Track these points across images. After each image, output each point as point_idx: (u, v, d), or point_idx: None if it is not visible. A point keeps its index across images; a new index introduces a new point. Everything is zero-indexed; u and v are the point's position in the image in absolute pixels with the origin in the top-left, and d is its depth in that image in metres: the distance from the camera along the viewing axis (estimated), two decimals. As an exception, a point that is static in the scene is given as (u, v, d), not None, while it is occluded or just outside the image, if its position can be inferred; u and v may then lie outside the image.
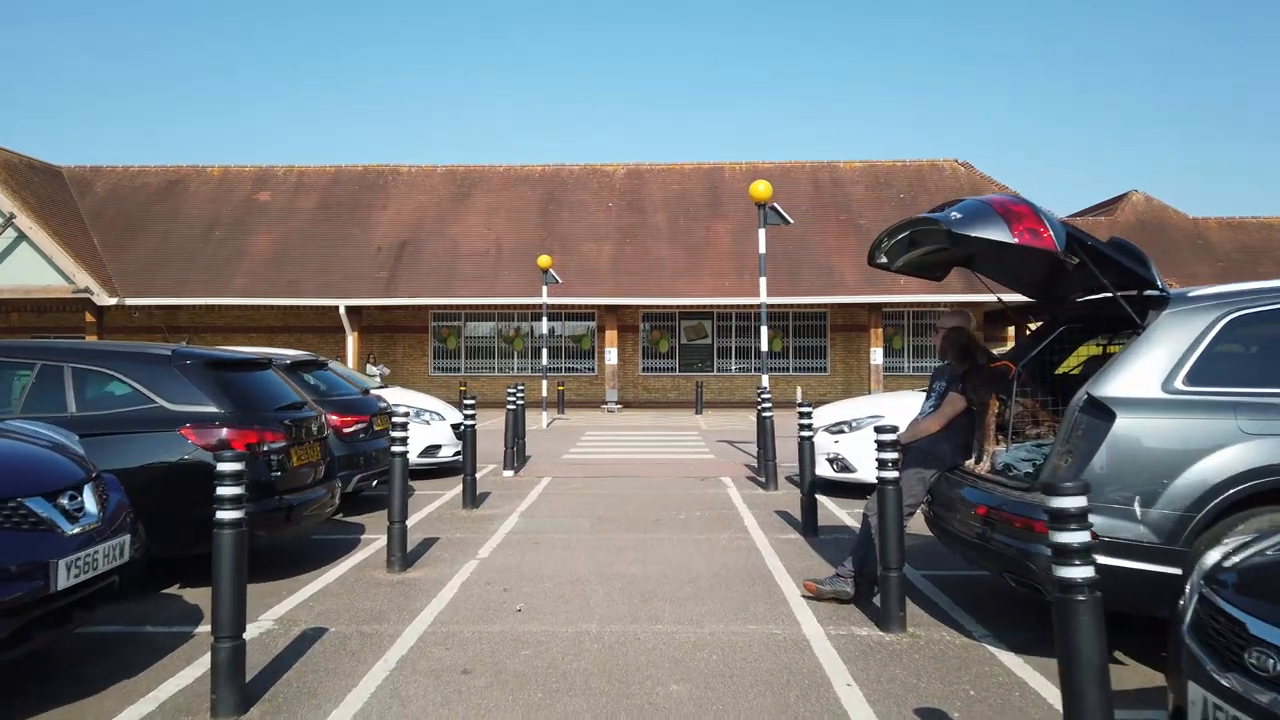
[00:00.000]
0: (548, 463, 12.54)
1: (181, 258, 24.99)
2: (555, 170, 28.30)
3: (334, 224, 26.25)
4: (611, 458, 13.28)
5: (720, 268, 24.84)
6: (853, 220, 26.03)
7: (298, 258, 25.10)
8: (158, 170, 28.33)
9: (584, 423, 20.42)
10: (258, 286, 24.22)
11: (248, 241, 25.60)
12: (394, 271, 24.71)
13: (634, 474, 11.32)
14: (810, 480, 7.68)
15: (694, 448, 14.80)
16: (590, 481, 10.69)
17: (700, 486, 10.28)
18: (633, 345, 27.58)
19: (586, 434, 17.43)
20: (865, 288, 23.98)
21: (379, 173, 28.20)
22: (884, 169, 27.79)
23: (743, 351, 27.62)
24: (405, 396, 11.31)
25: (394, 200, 27.15)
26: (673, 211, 26.70)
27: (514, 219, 26.38)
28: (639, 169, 28.25)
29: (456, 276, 24.61)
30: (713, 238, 25.77)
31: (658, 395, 27.56)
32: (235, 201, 27.09)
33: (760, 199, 11.93)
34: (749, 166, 28.16)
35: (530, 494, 9.69)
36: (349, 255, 25.19)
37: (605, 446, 15.02)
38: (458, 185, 27.75)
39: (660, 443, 15.65)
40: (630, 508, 8.82)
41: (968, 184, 27.12)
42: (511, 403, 11.45)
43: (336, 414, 8.18)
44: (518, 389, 12.54)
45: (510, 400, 11.51)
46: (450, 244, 25.63)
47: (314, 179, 27.93)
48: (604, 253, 25.34)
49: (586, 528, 7.86)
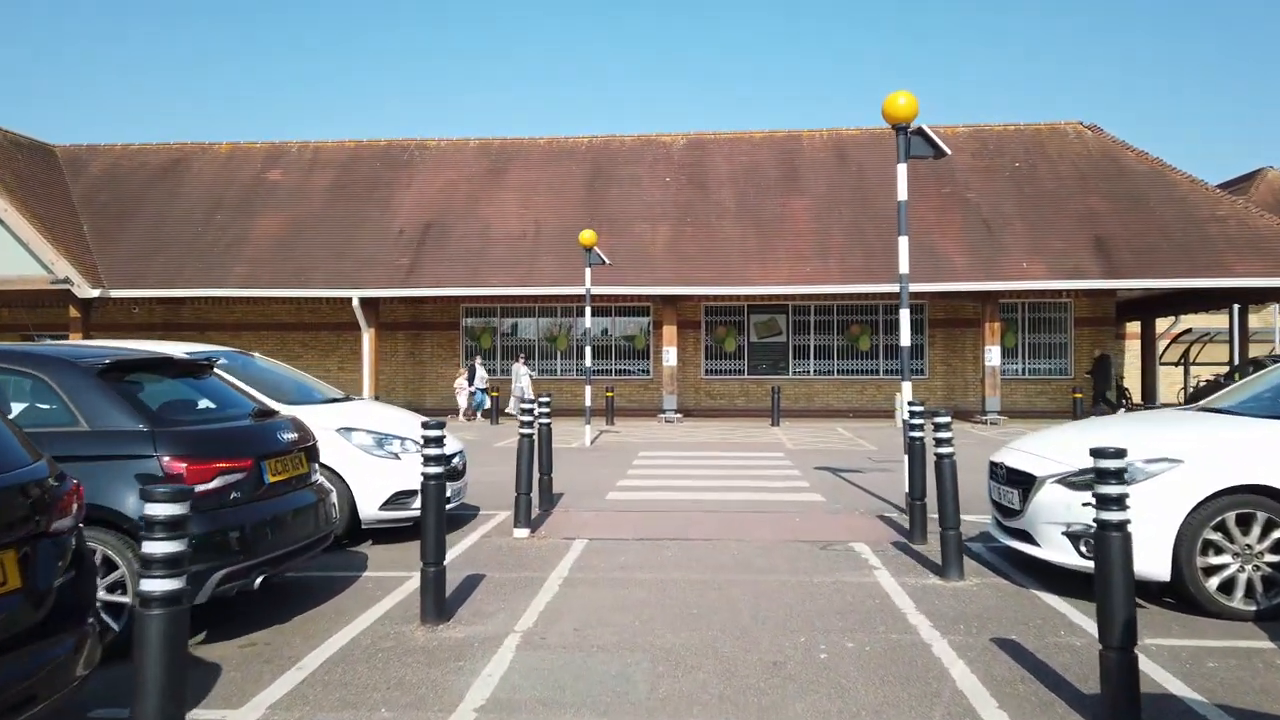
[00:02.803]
0: (584, 509, 8.70)
1: (176, 245, 21.80)
2: (604, 141, 24.52)
3: (350, 204, 22.83)
4: (676, 498, 9.40)
5: (798, 250, 20.79)
6: (958, 194, 21.75)
7: (307, 243, 21.72)
8: (159, 149, 25.28)
9: (637, 437, 16.57)
10: (260, 276, 20.89)
11: (252, 225, 22.32)
12: (416, 258, 21.18)
13: (713, 534, 7.43)
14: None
15: (786, 478, 10.84)
16: (647, 551, 6.82)
17: (826, 565, 6.35)
18: (694, 343, 23.67)
19: (640, 455, 13.58)
20: (978, 273, 19.72)
21: (403, 147, 24.73)
22: (993, 134, 23.41)
23: (823, 350, 23.51)
24: (370, 414, 7.58)
25: (419, 177, 23.65)
26: (740, 186, 22.72)
27: (556, 197, 22.67)
28: (701, 139, 24.32)
29: (487, 263, 20.98)
30: (788, 216, 21.73)
31: (724, 402, 23.60)
32: (242, 181, 23.86)
33: (900, 118, 7.94)
34: (830, 134, 24.03)
35: (547, 583, 5.85)
36: (366, 240, 21.74)
37: (666, 476, 11.14)
38: (492, 160, 24.14)
39: (738, 469, 11.72)
40: (719, 625, 4.93)
41: (1097, 150, 22.61)
42: (527, 424, 7.60)
43: (182, 457, 4.46)
44: (539, 402, 8.74)
45: (526, 418, 7.65)
46: (481, 226, 22.02)
47: (331, 155, 24.58)
48: (660, 235, 21.47)
49: (642, 689, 4.00)
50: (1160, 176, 21.53)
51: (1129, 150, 22.41)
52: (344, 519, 6.76)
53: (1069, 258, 19.71)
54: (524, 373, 21.59)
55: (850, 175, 22.70)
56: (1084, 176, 21.75)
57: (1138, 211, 20.61)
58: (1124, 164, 22.02)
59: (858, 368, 23.36)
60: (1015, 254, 20.03)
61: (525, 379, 21.46)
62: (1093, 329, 23.19)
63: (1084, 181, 21.60)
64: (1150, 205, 20.73)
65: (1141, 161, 22.04)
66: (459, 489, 7.62)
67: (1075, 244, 19.99)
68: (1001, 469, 5.94)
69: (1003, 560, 6.38)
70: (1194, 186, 21.18)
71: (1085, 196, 21.15)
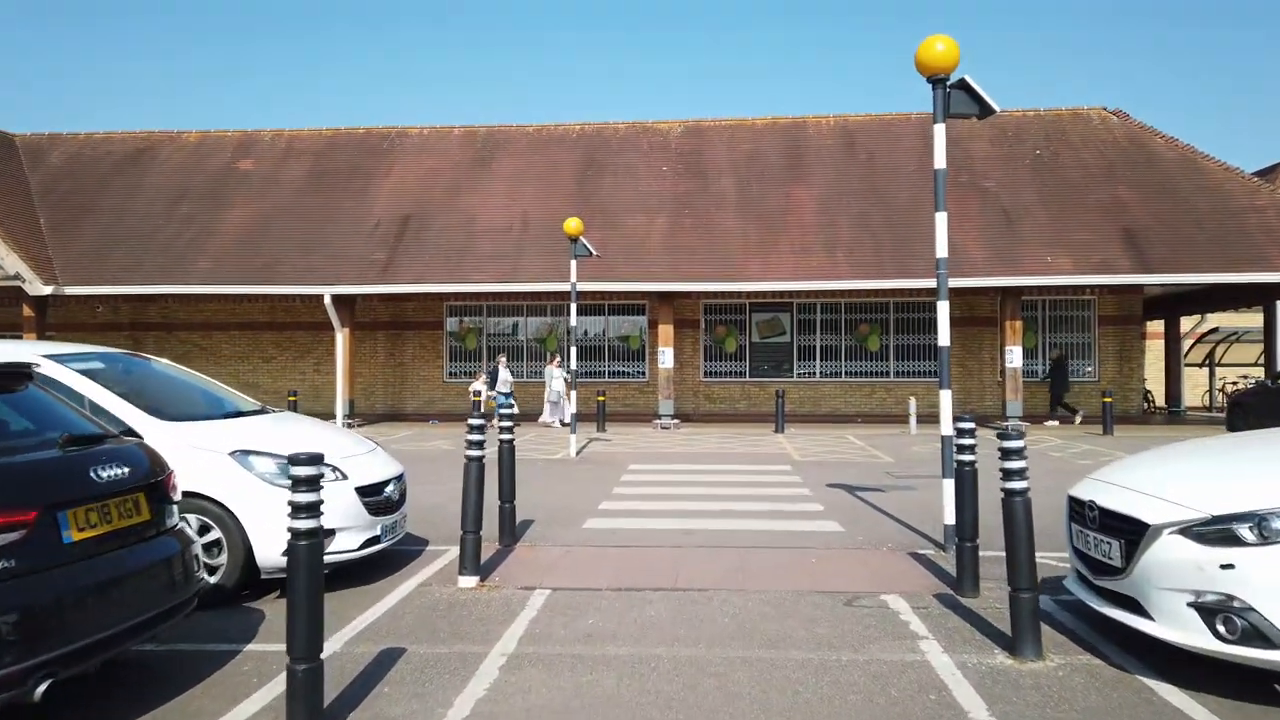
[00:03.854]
0: (554, 543, 7.23)
1: (136, 238, 20.33)
2: (596, 129, 23.04)
3: (325, 195, 21.36)
4: (666, 526, 7.93)
5: (803, 244, 19.31)
6: (975, 183, 20.26)
7: (277, 237, 20.26)
8: (125, 137, 23.81)
9: (629, 446, 15.10)
10: (224, 272, 19.42)
11: (218, 218, 20.85)
12: (393, 252, 19.70)
13: (709, 580, 5.96)
14: None
15: (795, 500, 9.37)
16: (624, 607, 5.35)
17: (856, 632, 4.87)
18: (692, 344, 22.20)
19: (630, 469, 12.11)
20: (998, 267, 18.23)
21: (383, 135, 23.26)
22: (1012, 121, 21.91)
23: (830, 351, 22.04)
24: (282, 432, 6.09)
25: (399, 167, 22.18)
26: (741, 176, 21.25)
27: (544, 187, 21.20)
28: (699, 125, 22.84)
29: (470, 258, 19.50)
30: (793, 207, 20.25)
31: (724, 406, 22.13)
32: (211, 171, 22.39)
33: (938, 68, 6.49)
34: (838, 120, 22.55)
35: (485, 664, 4.37)
36: (340, 233, 20.27)
37: (656, 497, 9.67)
38: (478, 148, 22.67)
39: (740, 487, 10.25)
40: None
41: (1124, 137, 21.12)
42: (476, 442, 6.08)
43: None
44: (499, 414, 7.28)
45: (475, 435, 6.11)
46: (464, 218, 20.54)
47: (306, 144, 23.11)
48: (656, 227, 20.00)
49: None
50: (1192, 164, 20.05)
51: (1158, 136, 20.93)
52: (235, 568, 5.31)
53: (1096, 251, 18.22)
54: (558, 374, 19.26)
55: (859, 164, 21.23)
56: (1110, 165, 20.26)
57: (1169, 202, 19.13)
58: (1153, 151, 20.54)
59: (867, 369, 21.89)
60: (1037, 247, 18.54)
61: (559, 381, 19.11)
62: (1117, 328, 21.71)
63: (1110, 170, 20.11)
64: (1183, 195, 19.24)
65: (1171, 148, 20.56)
66: (393, 523, 6.16)
67: (1102, 236, 18.51)
68: (1092, 510, 4.47)
69: (1084, 624, 4.92)
70: (1229, 175, 19.70)
71: (1112, 186, 19.66)
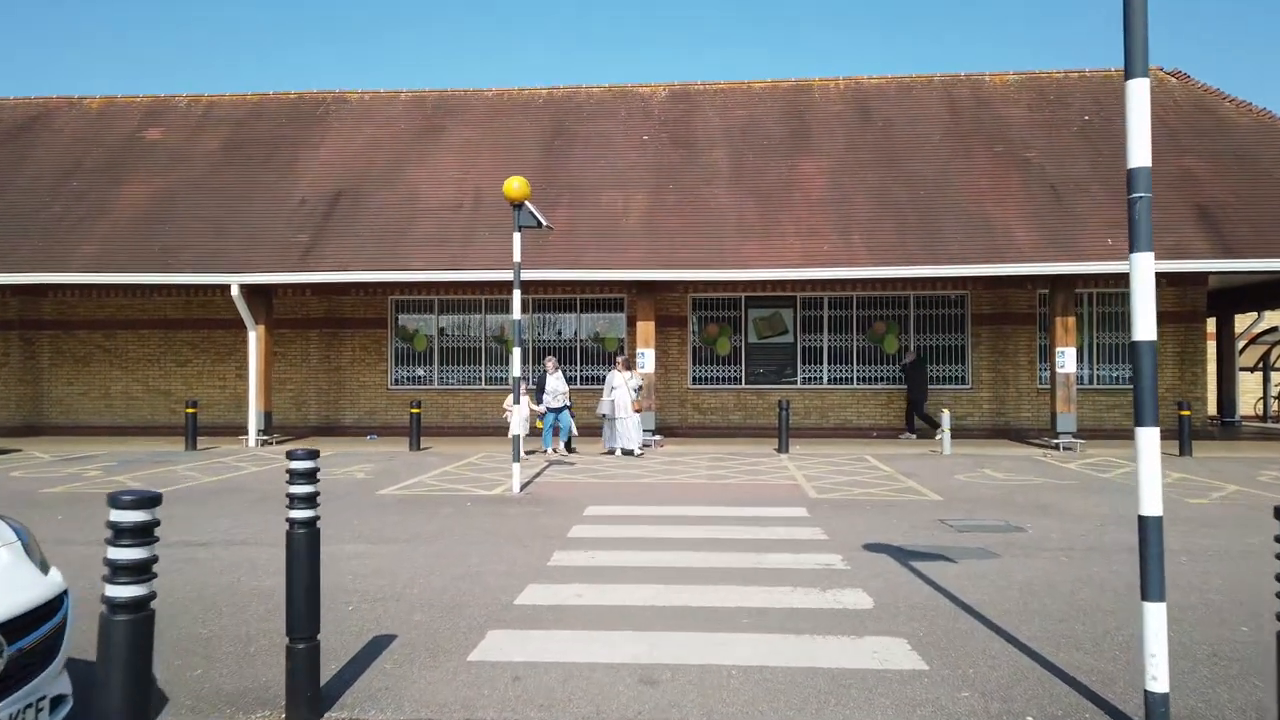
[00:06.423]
0: (396, 710, 3.93)
1: (12, 219, 16.96)
2: (568, 94, 19.76)
3: (242, 169, 18.02)
4: (615, 657, 4.63)
5: (810, 225, 16.08)
6: (1013, 153, 17.08)
7: (181, 217, 16.91)
8: (16, 103, 20.42)
9: (593, 475, 11.80)
10: (112, 258, 16.06)
11: (114, 195, 17.49)
12: (318, 235, 16.38)
13: None
14: None
15: (829, 583, 6.07)
16: None
17: None
18: (678, 345, 18.93)
19: (586, 514, 8.82)
20: (1049, 251, 15.04)
21: (318, 100, 19.92)
22: (1051, 82, 18.73)
23: (839, 353, 18.78)
24: None
25: (333, 136, 18.85)
26: (736, 146, 18.00)
27: (503, 158, 17.89)
28: (687, 90, 19.59)
29: (409, 241, 16.19)
30: (797, 182, 17.02)
31: (715, 418, 18.85)
32: (111, 142, 19.02)
33: None
34: (849, 83, 19.32)
35: None
36: (256, 213, 16.94)
37: (611, 577, 6.37)
38: (427, 115, 19.36)
39: (741, 553, 6.96)
40: None
41: (1187, 101, 17.95)
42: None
43: None
44: (291, 471, 4.45)
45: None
46: (406, 195, 17.24)
47: (226, 110, 19.75)
48: (635, 205, 16.74)
49: None
50: (1271, 131, 16.90)
51: (1226, 100, 17.77)
52: None
53: (1166, 232, 15.01)
54: (620, 383, 14.79)
55: (875, 132, 18.01)
56: (1174, 132, 17.08)
57: (1248, 174, 15.97)
58: (1222, 116, 17.37)
59: (882, 375, 18.64)
60: (1094, 228, 15.35)
61: (623, 392, 14.70)
62: (1178, 325, 18.50)
63: (1174, 138, 16.93)
64: (1264, 166, 16.09)
65: (1243, 113, 17.40)
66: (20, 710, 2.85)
67: (1172, 216, 15.31)
68: None
69: None
70: (1315, 143, 16.57)
71: (1178, 156, 16.48)
